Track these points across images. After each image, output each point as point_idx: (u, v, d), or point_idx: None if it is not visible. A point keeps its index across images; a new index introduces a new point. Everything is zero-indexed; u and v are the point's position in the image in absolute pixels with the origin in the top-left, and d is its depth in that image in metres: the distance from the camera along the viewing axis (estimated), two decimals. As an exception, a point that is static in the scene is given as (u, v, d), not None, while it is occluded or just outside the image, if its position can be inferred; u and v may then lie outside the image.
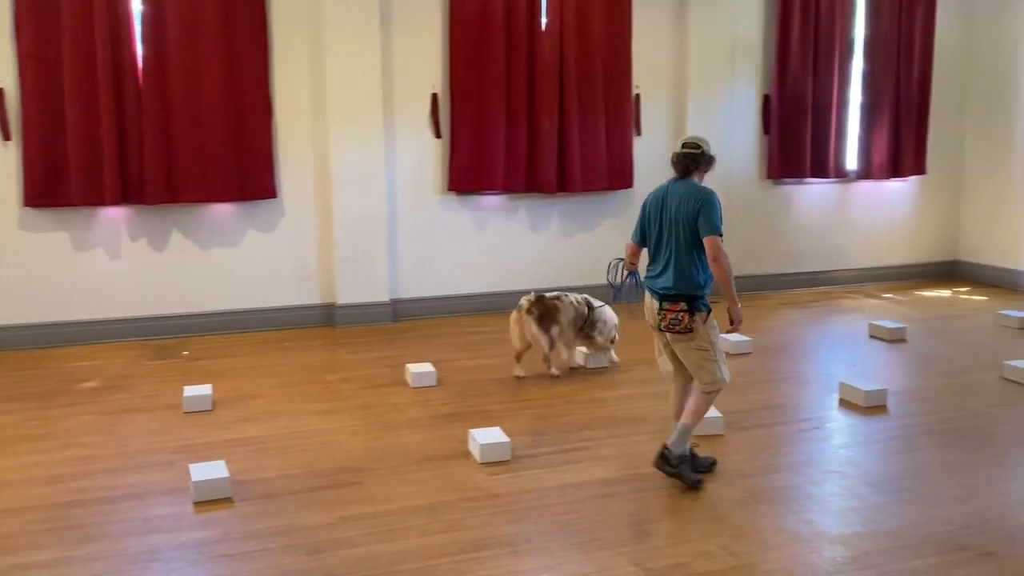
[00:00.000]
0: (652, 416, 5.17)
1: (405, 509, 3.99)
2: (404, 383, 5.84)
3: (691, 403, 4.26)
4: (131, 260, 7.00)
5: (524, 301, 5.86)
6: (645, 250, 4.43)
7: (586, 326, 5.96)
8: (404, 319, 7.58)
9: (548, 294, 5.97)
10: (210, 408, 5.33)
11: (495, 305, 7.85)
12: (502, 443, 4.55)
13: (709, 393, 4.22)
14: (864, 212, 9.12)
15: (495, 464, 4.47)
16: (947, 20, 8.96)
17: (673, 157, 4.28)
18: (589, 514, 3.94)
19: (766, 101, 8.52)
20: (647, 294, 4.31)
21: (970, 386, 5.78)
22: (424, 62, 7.48)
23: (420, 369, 5.84)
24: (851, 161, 8.93)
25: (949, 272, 9.47)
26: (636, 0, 7.90)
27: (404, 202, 7.59)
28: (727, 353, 5.97)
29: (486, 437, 4.58)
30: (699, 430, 4.78)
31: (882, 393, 5.40)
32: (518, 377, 5.91)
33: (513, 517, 3.91)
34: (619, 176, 8.05)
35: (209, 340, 6.98)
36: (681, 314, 4.10)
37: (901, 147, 8.92)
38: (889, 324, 7.03)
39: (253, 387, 5.80)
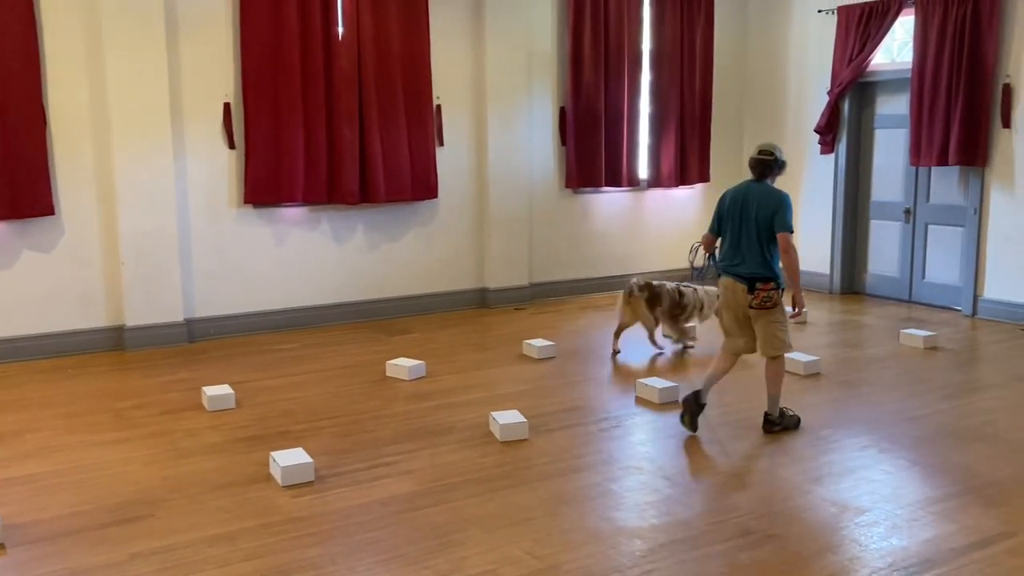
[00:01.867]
0: (460, 426, 5.20)
1: (202, 539, 3.80)
2: (200, 407, 5.56)
3: (769, 375, 5.05)
4: None
5: (633, 285, 6.77)
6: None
7: (676, 310, 6.85)
8: (201, 339, 7.24)
9: (654, 281, 6.92)
10: (-21, 447, 4.86)
11: (297, 321, 7.66)
12: (304, 464, 4.42)
13: (776, 359, 5.01)
14: (656, 218, 9.61)
15: (298, 486, 4.34)
16: (724, 34, 9.61)
17: (750, 162, 5.06)
18: (396, 530, 3.90)
19: (562, 113, 8.80)
20: (727, 278, 5.01)
21: (754, 379, 6.17)
22: (215, 70, 7.18)
23: (217, 391, 5.58)
24: (643, 170, 9.38)
25: (734, 272, 10.13)
26: (433, 12, 7.96)
27: (197, 217, 7.25)
28: (532, 358, 6.51)
29: (288, 459, 4.43)
30: (506, 436, 4.91)
31: (674, 389, 5.69)
32: (616, 352, 6.77)
33: (317, 539, 3.81)
34: (423, 186, 8.06)
35: (-22, 371, 6.38)
36: (772, 292, 4.88)
37: (687, 156, 9.47)
38: (681, 323, 7.42)
39: (32, 420, 5.34)
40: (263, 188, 7.36)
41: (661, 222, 9.63)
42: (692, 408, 5.07)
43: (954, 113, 7.79)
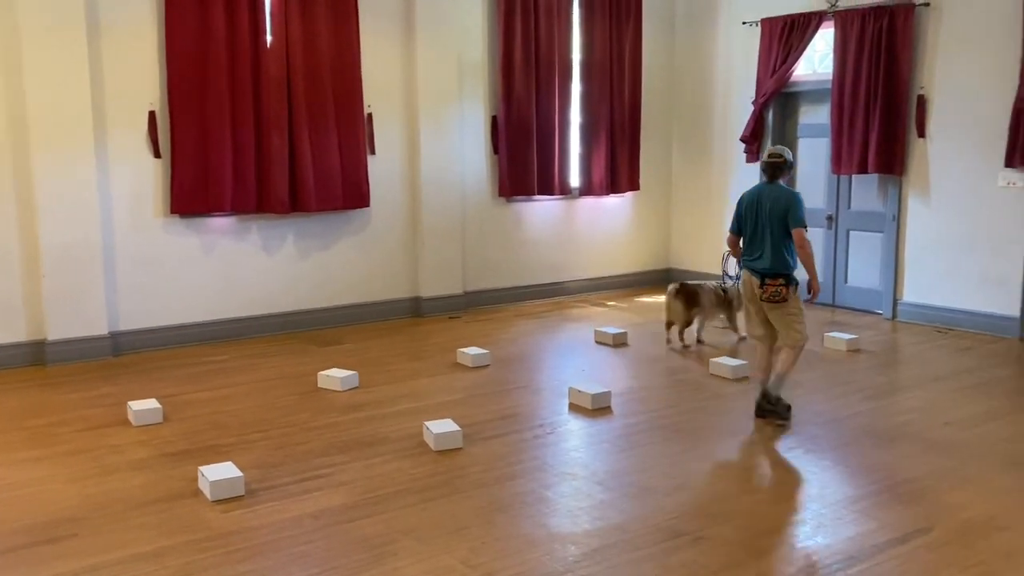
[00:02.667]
0: (393, 436, 5.17)
1: (128, 558, 3.70)
2: (126, 422, 5.42)
3: (783, 357, 5.35)
4: None
5: (671, 287, 7.35)
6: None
7: (725, 304, 7.37)
8: (126, 352, 7.05)
9: (692, 282, 7.44)
10: None
11: (227, 333, 7.53)
12: (234, 478, 4.35)
13: (794, 348, 5.31)
14: (588, 226, 9.71)
15: (228, 501, 4.26)
16: (653, 45, 9.77)
17: (762, 165, 5.44)
18: (328, 543, 3.86)
19: (494, 122, 8.84)
20: (747, 273, 5.42)
21: (683, 383, 6.31)
22: (139, 77, 7.02)
23: (143, 406, 5.45)
24: (574, 178, 9.48)
25: (664, 279, 10.26)
26: (363, 20, 7.92)
27: (122, 227, 7.07)
28: (467, 367, 6.49)
29: (217, 473, 4.35)
30: (440, 446, 4.91)
31: (607, 395, 5.75)
32: (685, 346, 7.28)
33: (247, 555, 3.75)
34: (355, 195, 8.00)
35: None
36: (780, 288, 5.22)
37: (617, 165, 9.59)
38: (612, 330, 7.51)
39: (-56, 440, 5.14)
40: (190, 197, 7.22)
41: (593, 230, 9.74)
42: (766, 407, 5.40)
43: (872, 123, 8.05)
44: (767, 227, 5.30)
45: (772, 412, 5.40)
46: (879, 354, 7.11)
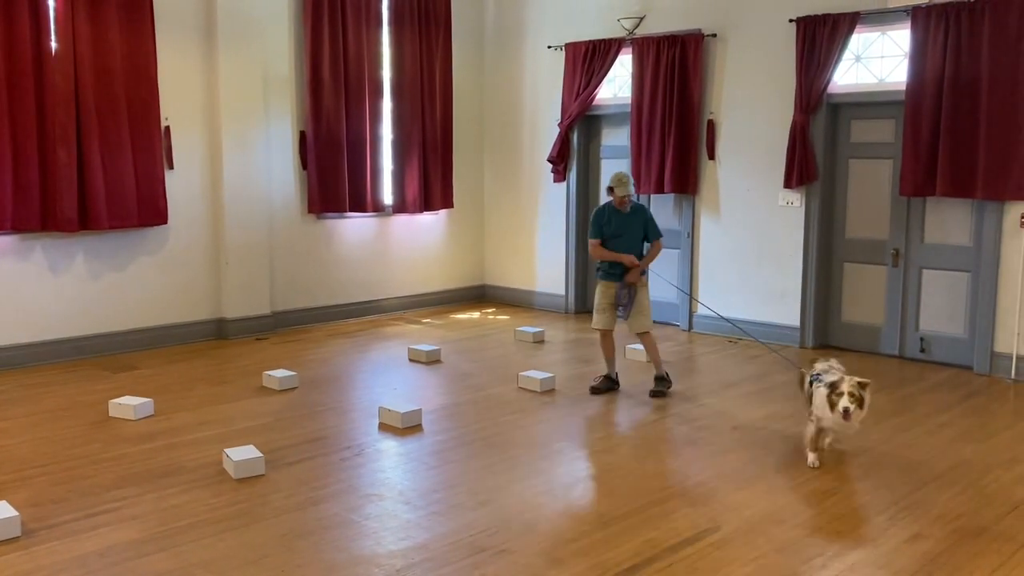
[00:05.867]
0: (190, 466, 4.94)
1: None
2: None
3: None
4: None
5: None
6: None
7: None
8: None
9: None
10: None
11: (5, 361, 6.97)
12: (9, 519, 4.01)
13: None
14: (402, 244, 9.68)
15: (0, 544, 3.92)
16: (462, 66, 9.90)
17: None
18: (114, 582, 3.63)
19: (303, 137, 8.67)
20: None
21: (492, 398, 6.40)
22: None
23: (-98, 444, 4.94)
24: (387, 196, 9.44)
25: (479, 295, 10.44)
26: (161, 29, 7.57)
27: None
28: (273, 390, 6.19)
29: (-13, 514, 4.00)
30: (240, 473, 4.72)
31: (417, 413, 5.75)
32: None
33: (20, 602, 3.46)
34: (151, 211, 7.61)
35: None
36: None
37: (430, 182, 9.64)
38: (426, 347, 7.52)
39: None
40: (-39, 215, 6.64)
41: (406, 247, 9.72)
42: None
43: (668, 145, 8.52)
44: None
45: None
46: (676, 363, 7.48)
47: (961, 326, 7.33)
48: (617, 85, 9.26)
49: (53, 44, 6.99)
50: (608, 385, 6.54)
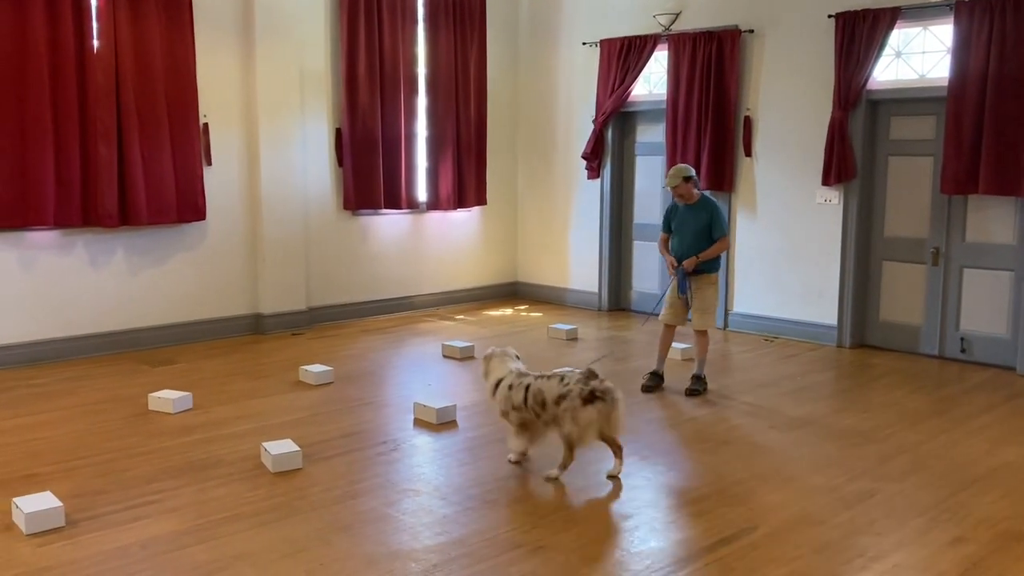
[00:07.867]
0: (228, 459, 4.99)
1: (-74, 604, 3.41)
2: (-70, 453, 5.00)
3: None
4: None
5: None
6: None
7: None
8: (-67, 377, 6.51)
9: None
10: None
11: (48, 354, 7.08)
12: (53, 509, 4.08)
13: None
14: (435, 241, 9.71)
15: (46, 533, 3.99)
16: (497, 63, 9.90)
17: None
18: (156, 572, 3.68)
19: (338, 134, 8.72)
20: None
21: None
22: (-54, 80, 6.53)
23: (-51, 435, 5.05)
24: (422, 192, 9.47)
25: (511, 292, 10.44)
26: (199, 28, 7.65)
27: (-73, 241, 6.54)
28: (309, 384, 6.37)
29: (33, 504, 4.07)
30: (278, 467, 4.77)
31: (451, 409, 5.76)
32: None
33: (65, 590, 3.52)
34: (190, 208, 7.70)
35: None
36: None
37: (464, 179, 9.66)
38: (459, 344, 7.54)
39: None
40: (6, 210, 6.75)
41: (440, 244, 9.75)
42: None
43: (703, 142, 8.46)
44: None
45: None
46: (711, 362, 7.42)
47: (1003, 326, 7.20)
48: (652, 82, 9.21)
49: (95, 42, 7.09)
50: (656, 382, 6.55)
